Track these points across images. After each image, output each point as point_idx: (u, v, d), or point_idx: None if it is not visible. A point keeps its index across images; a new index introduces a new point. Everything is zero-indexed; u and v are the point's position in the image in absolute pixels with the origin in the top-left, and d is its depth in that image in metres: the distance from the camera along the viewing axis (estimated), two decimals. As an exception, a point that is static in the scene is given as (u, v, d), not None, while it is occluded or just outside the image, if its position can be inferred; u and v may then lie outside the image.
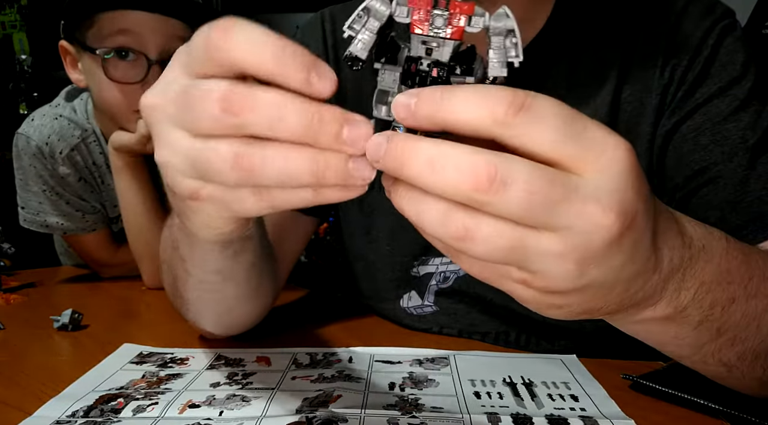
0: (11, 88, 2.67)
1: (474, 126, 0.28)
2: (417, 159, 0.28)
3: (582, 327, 0.71)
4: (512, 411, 0.51)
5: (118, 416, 0.50)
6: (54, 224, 1.09)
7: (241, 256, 0.51)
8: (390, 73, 0.32)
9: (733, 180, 0.59)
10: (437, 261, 0.72)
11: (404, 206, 0.30)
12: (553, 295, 0.31)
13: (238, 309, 0.62)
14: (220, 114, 0.30)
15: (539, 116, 0.28)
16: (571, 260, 0.29)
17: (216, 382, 0.57)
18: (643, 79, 0.63)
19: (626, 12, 0.66)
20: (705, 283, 0.37)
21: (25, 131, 1.08)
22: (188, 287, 0.57)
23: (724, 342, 0.40)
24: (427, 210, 0.29)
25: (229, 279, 0.54)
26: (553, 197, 0.28)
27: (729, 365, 0.42)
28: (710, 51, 0.62)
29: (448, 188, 0.28)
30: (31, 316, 0.83)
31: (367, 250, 0.76)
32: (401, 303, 0.75)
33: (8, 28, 2.71)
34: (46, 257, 1.34)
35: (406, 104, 0.30)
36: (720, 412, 0.49)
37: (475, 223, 0.28)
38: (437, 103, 0.29)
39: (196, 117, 0.31)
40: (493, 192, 0.27)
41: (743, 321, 0.40)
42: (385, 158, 0.30)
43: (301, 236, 0.77)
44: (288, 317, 0.79)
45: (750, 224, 0.57)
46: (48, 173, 1.07)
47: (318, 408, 0.50)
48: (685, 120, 0.62)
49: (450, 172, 0.28)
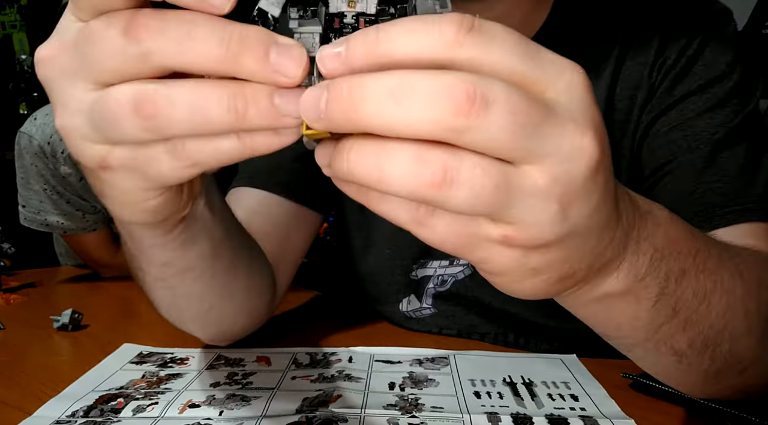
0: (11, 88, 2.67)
1: (422, 56, 0.24)
2: (375, 95, 0.23)
3: (581, 328, 0.70)
4: (512, 411, 0.51)
5: (118, 416, 0.50)
6: (54, 223, 1.09)
7: (192, 245, 0.45)
8: (308, 36, 0.27)
9: (691, 171, 0.59)
10: (435, 264, 0.72)
11: (359, 165, 0.25)
12: (533, 253, 0.28)
13: (219, 310, 0.57)
14: (123, 43, 0.25)
15: (492, 35, 0.24)
16: (555, 198, 0.26)
17: (216, 382, 0.57)
18: (635, 77, 0.63)
19: (624, 11, 0.66)
20: (658, 250, 0.35)
21: (27, 129, 1.08)
22: (148, 287, 0.51)
23: (677, 325, 0.39)
24: (392, 159, 0.24)
25: (185, 271, 0.48)
26: (535, 118, 0.24)
27: (680, 353, 0.41)
28: (696, 49, 0.62)
29: (421, 120, 0.23)
30: (31, 316, 0.83)
31: (367, 253, 0.76)
32: (401, 307, 0.75)
33: (8, 28, 2.71)
34: (46, 257, 1.34)
35: (335, 53, 0.25)
36: (720, 412, 0.49)
37: (456, 160, 0.24)
38: (373, 41, 0.24)
39: (92, 58, 0.26)
40: (475, 115, 0.23)
41: (695, 301, 0.39)
42: (330, 108, 0.24)
43: (304, 234, 0.74)
44: (288, 317, 0.79)
45: (698, 215, 0.57)
46: (49, 172, 1.07)
47: (318, 408, 0.50)
48: (661, 116, 0.62)
49: (421, 99, 0.23)
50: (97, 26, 0.26)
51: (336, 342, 0.68)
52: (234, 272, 0.55)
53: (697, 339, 0.40)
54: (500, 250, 0.27)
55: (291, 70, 0.25)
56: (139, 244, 0.43)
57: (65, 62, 0.28)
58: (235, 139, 0.27)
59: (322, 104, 0.24)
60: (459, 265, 0.71)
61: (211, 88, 0.25)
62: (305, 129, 0.26)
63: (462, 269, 0.71)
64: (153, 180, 0.30)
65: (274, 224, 0.69)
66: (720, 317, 0.40)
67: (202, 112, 0.25)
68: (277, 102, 0.25)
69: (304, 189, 0.71)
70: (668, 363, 0.43)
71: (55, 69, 0.28)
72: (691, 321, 0.39)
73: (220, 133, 0.26)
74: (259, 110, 0.25)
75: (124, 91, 0.26)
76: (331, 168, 0.26)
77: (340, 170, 0.26)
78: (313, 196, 0.72)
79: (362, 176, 0.25)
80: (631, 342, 0.41)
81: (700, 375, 0.44)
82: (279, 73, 0.25)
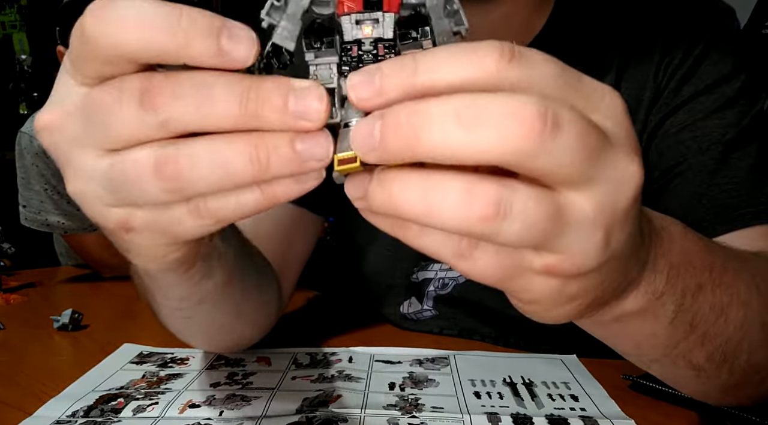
0: (11, 88, 2.67)
1: (464, 86, 0.23)
2: (440, 119, 0.22)
3: (581, 331, 0.70)
4: (512, 411, 0.51)
5: (118, 416, 0.50)
6: (55, 223, 1.10)
7: (209, 277, 0.45)
8: (325, 66, 0.26)
9: (702, 173, 0.58)
10: (436, 267, 0.72)
11: (403, 198, 0.24)
12: (573, 281, 0.27)
13: (230, 327, 0.58)
14: (139, 113, 0.24)
15: (533, 63, 0.23)
16: (601, 226, 0.25)
17: (216, 382, 0.57)
18: (639, 78, 0.63)
19: (625, 12, 0.66)
20: (674, 266, 0.35)
21: (28, 129, 1.08)
22: (164, 316, 0.52)
23: (695, 341, 0.39)
24: (441, 191, 0.23)
25: (202, 302, 0.48)
26: (597, 142, 0.24)
27: (698, 367, 0.41)
28: (702, 49, 0.61)
29: (489, 144, 0.22)
30: (31, 316, 0.83)
31: (368, 255, 0.76)
32: (401, 309, 0.75)
33: (8, 28, 2.71)
34: (46, 257, 1.34)
35: (367, 81, 0.23)
36: (720, 412, 0.49)
37: (509, 191, 0.23)
38: (411, 71, 0.23)
39: (106, 126, 0.25)
40: (547, 137, 0.22)
41: (712, 315, 0.39)
42: (386, 137, 0.23)
43: (308, 238, 0.73)
44: (288, 317, 0.79)
45: (711, 217, 0.57)
46: (50, 171, 1.07)
47: (318, 408, 0.50)
48: (669, 116, 0.62)
49: (491, 121, 0.22)
50: (108, 96, 0.25)
51: (336, 342, 0.68)
52: (244, 292, 0.55)
53: (715, 353, 0.40)
54: (541, 280, 0.27)
55: (313, 115, 0.24)
56: (157, 283, 0.43)
57: (72, 129, 0.27)
58: (258, 191, 0.26)
59: (377, 134, 0.23)
60: None
61: (231, 143, 0.25)
62: (337, 165, 0.25)
63: None
64: (176, 237, 0.29)
65: (277, 229, 0.68)
66: (737, 330, 0.40)
67: (224, 167, 0.25)
68: (299, 148, 0.24)
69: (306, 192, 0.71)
70: (687, 377, 0.43)
71: (61, 137, 0.27)
72: (708, 335, 0.39)
73: (243, 186, 0.26)
74: (282, 159, 0.24)
75: (143, 155, 0.25)
76: (366, 201, 0.25)
77: (378, 203, 0.25)
78: (314, 199, 0.72)
79: (406, 210, 0.24)
80: (650, 358, 0.41)
81: (718, 387, 0.44)
82: (301, 120, 0.24)
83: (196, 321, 0.53)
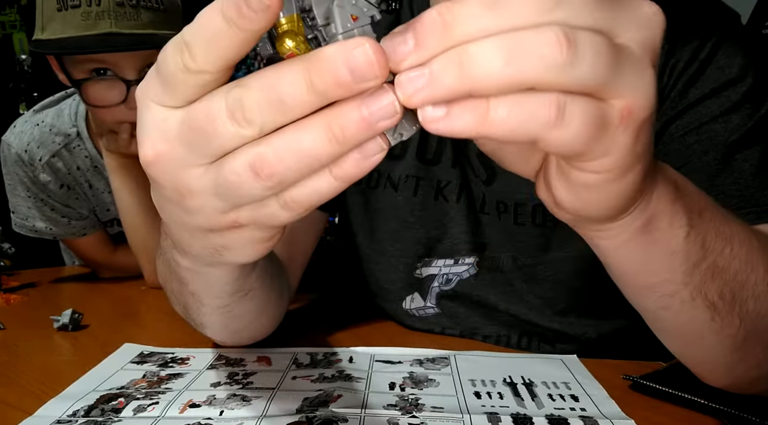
0: (11, 88, 2.67)
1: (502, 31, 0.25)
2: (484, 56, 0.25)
3: (584, 332, 0.71)
4: (512, 411, 0.51)
5: (118, 415, 0.50)
6: (42, 229, 1.10)
7: (253, 270, 0.49)
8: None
9: (704, 175, 0.59)
10: (440, 263, 0.72)
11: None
12: (641, 133, 0.29)
13: (256, 322, 0.61)
14: (234, 127, 0.27)
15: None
16: (648, 63, 0.28)
17: (216, 382, 0.57)
18: None
19: None
20: (678, 185, 0.38)
21: (6, 138, 1.09)
22: (203, 314, 0.54)
23: (706, 271, 0.40)
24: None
25: (246, 295, 0.52)
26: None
27: (713, 305, 0.42)
28: (708, 52, 0.61)
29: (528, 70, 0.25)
30: (31, 316, 0.83)
31: (371, 251, 0.76)
32: (404, 305, 0.75)
33: (8, 28, 2.71)
34: (46, 257, 1.34)
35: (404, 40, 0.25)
36: (720, 412, 0.49)
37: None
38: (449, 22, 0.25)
39: (205, 145, 0.28)
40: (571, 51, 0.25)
41: (718, 242, 0.40)
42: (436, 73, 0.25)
43: (312, 235, 0.75)
44: (288, 317, 0.79)
45: None
46: (29, 179, 1.07)
47: (318, 408, 0.50)
48: (675, 120, 0.62)
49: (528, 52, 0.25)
50: (204, 116, 0.27)
51: (336, 342, 0.68)
52: (269, 283, 0.58)
53: (725, 289, 0.42)
54: (619, 134, 0.28)
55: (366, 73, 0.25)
56: (212, 283, 0.46)
57: (177, 155, 0.29)
58: (328, 174, 0.28)
59: (427, 75, 0.25)
60: (464, 264, 0.71)
61: (307, 130, 0.26)
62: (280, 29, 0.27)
63: (467, 268, 0.71)
64: (272, 228, 0.33)
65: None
66: (743, 264, 0.42)
67: (308, 153, 0.27)
68: (365, 113, 0.26)
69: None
70: (703, 321, 0.43)
71: (171, 165, 0.29)
72: (718, 266, 0.41)
73: (328, 165, 0.28)
74: (355, 126, 0.26)
75: (239, 163, 0.27)
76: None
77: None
78: None
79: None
80: (671, 290, 0.42)
81: (729, 339, 0.44)
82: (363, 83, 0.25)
83: (236, 315, 0.55)
